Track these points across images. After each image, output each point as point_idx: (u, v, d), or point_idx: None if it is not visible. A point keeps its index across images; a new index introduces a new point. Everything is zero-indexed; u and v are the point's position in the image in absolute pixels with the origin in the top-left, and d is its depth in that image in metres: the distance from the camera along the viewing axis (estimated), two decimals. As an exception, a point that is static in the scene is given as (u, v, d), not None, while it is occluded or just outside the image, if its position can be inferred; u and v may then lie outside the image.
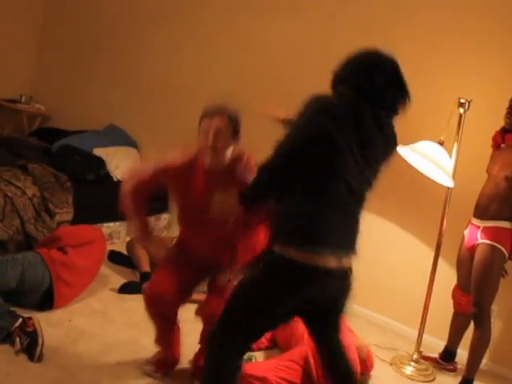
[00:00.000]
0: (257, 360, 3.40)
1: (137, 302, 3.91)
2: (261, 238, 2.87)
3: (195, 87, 5.48)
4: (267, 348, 3.66)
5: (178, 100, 5.59)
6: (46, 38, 6.70)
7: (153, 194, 3.03)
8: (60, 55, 6.57)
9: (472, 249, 3.69)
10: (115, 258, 4.61)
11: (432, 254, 3.98)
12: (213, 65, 5.40)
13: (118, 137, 5.77)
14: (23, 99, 6.43)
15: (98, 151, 5.40)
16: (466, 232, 3.79)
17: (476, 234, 3.66)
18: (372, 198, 4.48)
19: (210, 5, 5.42)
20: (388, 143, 2.47)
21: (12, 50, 6.45)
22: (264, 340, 3.62)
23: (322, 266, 2.22)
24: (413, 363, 3.95)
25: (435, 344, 4.19)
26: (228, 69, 5.32)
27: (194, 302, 3.15)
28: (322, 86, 4.80)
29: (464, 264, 3.80)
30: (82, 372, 3.00)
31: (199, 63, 5.49)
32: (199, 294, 3.39)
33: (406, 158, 3.89)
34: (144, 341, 3.37)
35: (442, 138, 3.76)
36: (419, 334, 4.00)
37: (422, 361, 4.00)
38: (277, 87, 5.00)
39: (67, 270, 3.66)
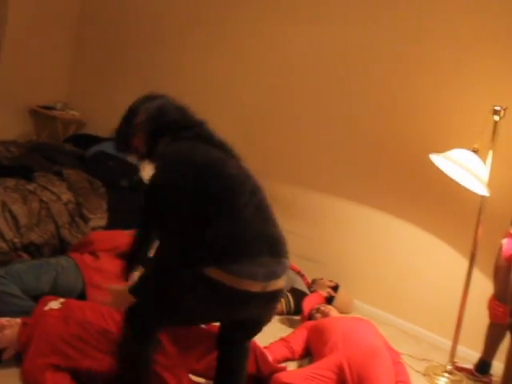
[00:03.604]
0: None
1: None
2: None
3: (224, 95, 5.52)
4: (301, 357, 3.64)
5: (207, 107, 5.58)
6: (81, 46, 6.80)
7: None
8: (95, 63, 6.66)
9: (510, 258, 3.63)
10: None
11: (466, 263, 3.93)
12: (241, 72, 5.42)
13: (152, 143, 5.79)
14: (58, 106, 6.52)
15: (132, 157, 5.42)
16: (505, 241, 3.73)
17: (514, 244, 3.60)
18: (405, 205, 4.50)
19: (238, 13, 5.44)
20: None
21: (48, 58, 6.56)
22: (298, 348, 3.61)
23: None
24: (447, 374, 3.89)
25: (470, 355, 4.13)
26: (256, 77, 5.34)
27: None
28: (353, 93, 4.81)
29: (501, 273, 3.73)
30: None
31: (228, 71, 5.51)
32: None
33: (440, 166, 3.85)
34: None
35: (476, 146, 3.71)
36: (453, 345, 3.94)
37: (457, 372, 3.94)
38: (305, 95, 5.01)
39: (99, 274, 3.67)
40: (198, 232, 2.30)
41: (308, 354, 3.64)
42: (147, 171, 5.31)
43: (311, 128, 5.01)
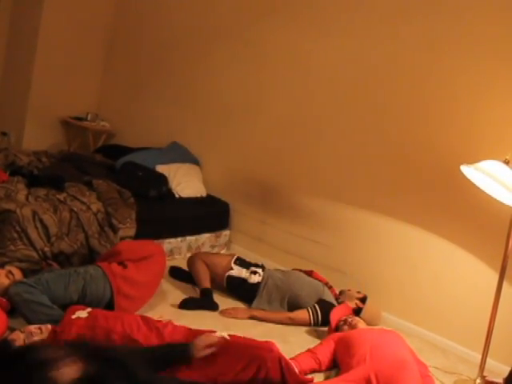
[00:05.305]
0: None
1: (197, 318, 3.95)
2: None
3: (255, 105, 5.53)
4: (328, 368, 3.62)
5: (238, 118, 5.65)
6: (112, 58, 6.89)
7: None
8: (125, 75, 6.74)
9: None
10: (176, 273, 4.65)
11: (496, 276, 3.88)
12: (272, 83, 5.43)
13: (181, 154, 5.84)
14: (89, 117, 6.60)
15: (161, 168, 5.48)
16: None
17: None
18: (434, 217, 4.46)
19: (269, 24, 5.45)
20: None
21: (79, 70, 6.66)
22: (325, 360, 3.59)
23: None
24: (476, 388, 3.85)
25: (499, 369, 4.06)
26: (286, 87, 5.34)
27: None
28: (382, 106, 4.78)
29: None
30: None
31: (259, 81, 5.53)
32: None
33: (470, 178, 3.82)
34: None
35: (507, 157, 3.67)
36: (483, 358, 3.89)
37: (486, 386, 3.89)
38: (333, 109, 5.00)
39: (127, 283, 3.70)
40: None
41: (335, 366, 3.62)
42: (183, 187, 5.37)
43: (339, 141, 4.99)
